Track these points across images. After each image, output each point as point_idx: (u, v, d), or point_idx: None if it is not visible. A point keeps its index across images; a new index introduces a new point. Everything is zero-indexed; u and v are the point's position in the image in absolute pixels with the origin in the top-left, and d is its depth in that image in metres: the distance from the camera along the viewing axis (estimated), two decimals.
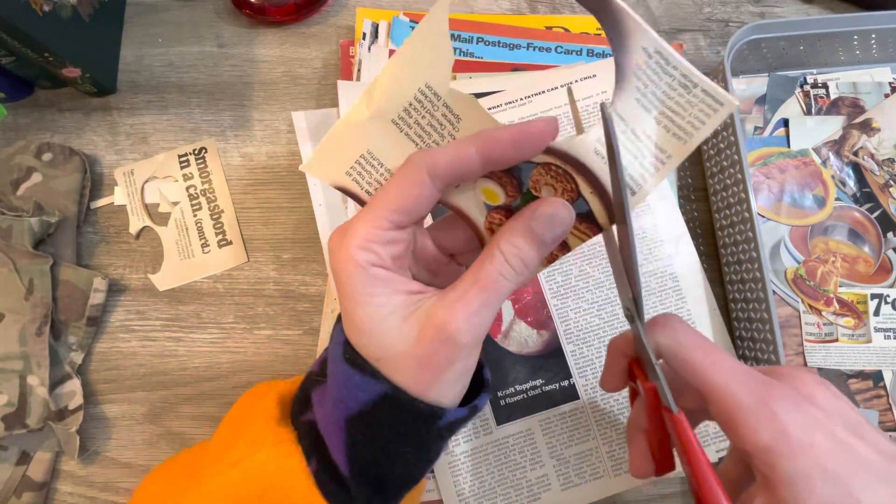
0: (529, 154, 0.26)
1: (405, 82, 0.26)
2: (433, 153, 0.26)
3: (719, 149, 0.47)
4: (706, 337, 0.28)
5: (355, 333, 0.26)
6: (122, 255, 0.48)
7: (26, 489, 0.43)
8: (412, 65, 0.26)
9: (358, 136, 0.27)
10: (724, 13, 0.55)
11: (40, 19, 0.42)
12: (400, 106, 0.27)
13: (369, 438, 0.26)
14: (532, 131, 0.25)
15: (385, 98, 0.26)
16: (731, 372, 0.26)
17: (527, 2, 0.54)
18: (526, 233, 0.26)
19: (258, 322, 0.47)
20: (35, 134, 0.50)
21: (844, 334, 0.46)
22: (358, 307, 0.26)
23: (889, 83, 0.51)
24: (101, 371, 0.46)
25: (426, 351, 0.25)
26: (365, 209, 0.26)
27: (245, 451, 0.29)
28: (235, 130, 0.51)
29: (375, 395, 0.26)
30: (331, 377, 0.28)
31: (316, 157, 0.27)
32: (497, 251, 0.26)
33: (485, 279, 0.25)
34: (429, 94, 0.27)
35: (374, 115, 0.27)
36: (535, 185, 0.28)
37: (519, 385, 0.43)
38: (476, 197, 0.28)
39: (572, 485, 0.42)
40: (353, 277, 0.25)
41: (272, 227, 0.49)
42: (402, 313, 0.26)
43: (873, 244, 0.48)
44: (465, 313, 0.25)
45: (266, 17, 0.51)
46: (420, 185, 0.25)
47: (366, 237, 0.25)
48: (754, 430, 0.24)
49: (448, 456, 0.42)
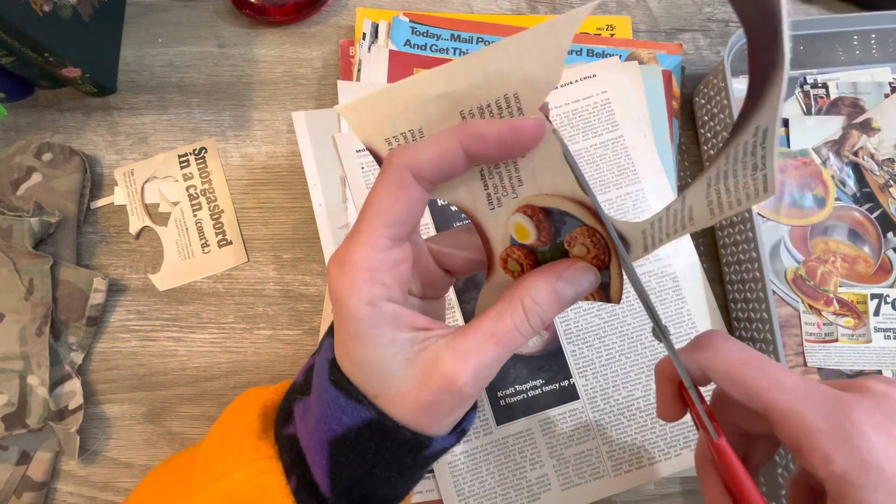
0: (518, 153, 0.25)
1: (495, 79, 0.24)
2: (414, 150, 0.24)
3: (719, 149, 0.46)
4: (757, 352, 0.26)
5: (353, 367, 0.25)
6: (122, 255, 0.48)
7: (26, 489, 0.43)
8: (512, 66, 0.23)
9: (415, 109, 0.25)
10: (724, 13, 0.55)
11: (40, 19, 0.42)
12: (476, 101, 0.24)
13: (353, 462, 0.25)
14: (523, 129, 0.24)
15: (466, 85, 0.24)
16: (795, 390, 0.23)
17: (527, 2, 0.54)
18: (550, 293, 0.25)
19: (258, 322, 0.47)
20: (35, 134, 0.50)
21: (844, 334, 0.46)
22: (360, 345, 0.24)
23: (889, 83, 0.51)
24: (101, 371, 0.46)
25: (430, 397, 0.24)
26: (358, 229, 0.24)
27: (227, 467, 0.28)
28: (235, 130, 0.51)
29: (360, 420, 0.25)
30: (315, 393, 0.27)
31: (358, 108, 0.25)
32: (519, 306, 0.25)
33: (502, 334, 0.24)
34: (512, 104, 0.24)
35: (443, 96, 0.24)
36: (570, 241, 0.27)
37: (519, 385, 0.43)
38: (505, 227, 0.27)
39: (572, 485, 0.42)
40: (356, 315, 0.24)
41: (272, 227, 0.49)
42: (407, 354, 0.24)
43: (873, 244, 0.48)
44: (477, 368, 0.24)
45: (266, 17, 0.51)
46: (408, 189, 0.24)
47: (369, 266, 0.24)
48: (827, 456, 0.22)
49: (448, 456, 0.42)
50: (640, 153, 0.47)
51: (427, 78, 0.24)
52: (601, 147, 0.47)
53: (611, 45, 0.51)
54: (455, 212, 0.46)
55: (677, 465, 0.42)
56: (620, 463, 0.42)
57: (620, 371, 0.43)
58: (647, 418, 0.43)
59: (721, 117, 0.46)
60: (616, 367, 0.44)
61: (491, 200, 0.27)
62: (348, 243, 0.24)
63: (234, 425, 0.30)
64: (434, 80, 0.24)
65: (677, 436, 0.43)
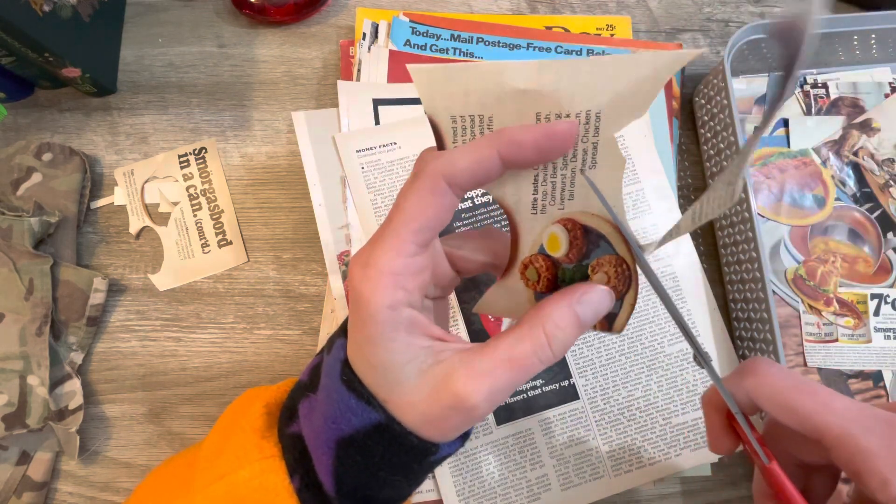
0: (552, 157, 0.25)
1: (584, 92, 0.23)
2: (450, 158, 0.24)
3: (719, 149, 0.47)
4: (803, 377, 0.25)
5: (366, 369, 0.25)
6: (122, 255, 0.48)
7: (26, 489, 0.43)
8: (606, 85, 0.23)
9: (493, 96, 0.24)
10: (724, 13, 0.55)
11: (40, 19, 0.42)
12: (558, 108, 0.23)
13: (359, 464, 0.25)
14: (557, 132, 0.24)
15: (553, 88, 0.23)
16: (847, 412, 0.23)
17: (527, 2, 0.54)
18: (572, 316, 0.25)
19: (258, 322, 0.47)
20: (35, 134, 0.50)
21: (844, 334, 0.46)
22: (375, 349, 0.24)
23: (889, 83, 0.51)
24: (101, 371, 0.46)
25: (438, 413, 0.24)
26: (385, 232, 0.24)
27: (230, 466, 0.28)
28: (235, 130, 0.51)
29: (369, 423, 0.25)
30: (323, 392, 0.27)
31: (433, 75, 0.24)
32: (541, 332, 0.24)
33: (521, 359, 0.24)
34: (592, 121, 0.24)
35: (526, 93, 0.23)
36: (595, 266, 0.27)
37: None
38: (539, 234, 0.27)
39: (572, 485, 0.42)
40: (376, 318, 0.23)
41: (272, 227, 0.49)
42: (420, 364, 0.24)
43: (873, 244, 0.48)
44: (490, 391, 0.23)
45: (266, 17, 0.51)
46: (440, 195, 0.24)
47: (394, 270, 0.23)
48: (885, 480, 0.22)
49: None
50: (640, 153, 0.47)
51: (515, 69, 0.23)
52: None
53: (611, 45, 0.51)
54: (456, 212, 0.46)
55: (677, 465, 0.42)
56: (620, 463, 0.42)
57: (620, 371, 0.43)
58: (646, 418, 0.43)
59: (721, 117, 0.46)
60: (616, 367, 0.44)
61: (536, 205, 0.26)
62: (373, 245, 0.24)
63: (237, 424, 0.30)
64: (522, 74, 0.23)
65: (677, 436, 0.43)
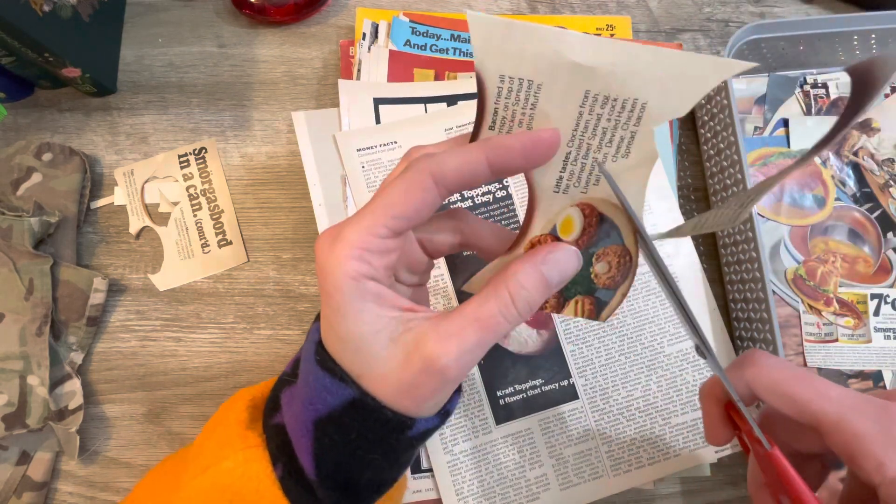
0: (537, 163, 0.25)
1: (636, 80, 0.23)
2: (440, 158, 0.24)
3: (719, 149, 0.47)
4: (800, 367, 0.26)
5: (337, 344, 0.25)
6: (122, 255, 0.48)
7: (26, 489, 0.43)
8: (657, 77, 0.23)
9: (548, 63, 0.23)
10: (724, 13, 0.55)
11: (40, 19, 0.42)
12: (608, 90, 0.23)
13: (337, 443, 0.26)
14: (543, 140, 0.24)
15: (609, 69, 0.23)
16: (842, 399, 0.24)
17: (527, 2, 0.54)
18: (537, 275, 0.25)
19: (258, 322, 0.47)
20: (35, 134, 0.50)
21: (844, 334, 0.46)
22: (343, 320, 0.24)
23: (889, 83, 0.51)
24: (101, 371, 0.46)
25: (411, 379, 0.24)
26: (362, 212, 0.25)
27: (214, 458, 0.28)
28: (235, 130, 0.51)
29: (344, 399, 0.25)
30: (301, 377, 0.27)
31: (491, 28, 0.23)
32: (505, 291, 0.25)
33: (486, 319, 0.24)
34: (636, 111, 0.24)
35: (582, 67, 0.23)
36: (600, 255, 0.27)
37: (518, 385, 0.43)
38: (556, 214, 0.27)
39: (571, 484, 0.42)
40: (341, 288, 0.24)
41: (272, 227, 0.49)
42: (390, 334, 0.25)
43: (873, 244, 0.48)
44: (458, 350, 0.24)
45: (266, 17, 0.51)
46: (424, 191, 0.24)
47: (361, 244, 0.24)
48: (880, 462, 0.22)
49: (447, 455, 0.42)
50: None
51: (576, 40, 0.23)
52: None
53: None
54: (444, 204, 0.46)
55: (676, 465, 0.42)
56: (619, 463, 0.42)
57: (620, 371, 0.43)
58: (645, 418, 0.43)
59: (721, 117, 0.46)
60: (616, 367, 0.44)
61: (559, 184, 0.26)
62: (346, 222, 0.25)
63: (223, 418, 0.30)
64: (582, 47, 0.23)
65: (676, 436, 0.43)
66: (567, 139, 0.25)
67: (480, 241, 0.29)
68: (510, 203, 0.46)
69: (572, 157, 0.26)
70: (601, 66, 0.23)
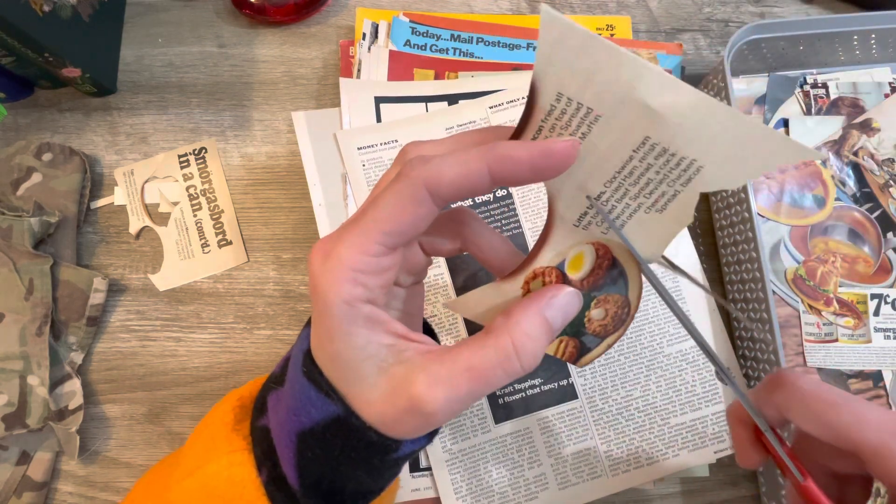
0: (546, 177, 0.23)
1: (702, 139, 0.21)
2: (437, 167, 0.22)
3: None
4: (835, 388, 0.24)
5: (326, 360, 0.24)
6: (122, 255, 0.48)
7: (26, 489, 0.43)
8: (725, 142, 0.21)
9: (616, 95, 0.21)
10: (724, 13, 0.55)
11: (40, 19, 0.42)
12: (668, 142, 0.21)
13: (319, 457, 0.25)
14: (556, 152, 0.22)
15: (678, 121, 0.21)
16: (883, 425, 0.22)
17: (527, 2, 0.54)
18: (542, 323, 0.24)
19: (258, 322, 0.47)
20: (35, 134, 0.50)
21: (844, 334, 0.46)
22: (334, 342, 0.23)
23: (889, 83, 0.51)
24: (101, 371, 0.46)
25: (395, 415, 0.23)
26: (354, 226, 0.23)
27: (200, 460, 0.28)
28: (235, 130, 0.51)
29: (328, 415, 0.24)
30: (288, 383, 0.26)
31: (566, 33, 0.20)
32: (508, 342, 0.23)
33: (481, 370, 0.23)
34: (689, 171, 0.22)
35: (650, 111, 0.21)
36: (599, 302, 0.26)
37: (517, 384, 0.43)
38: (568, 248, 0.25)
39: (570, 484, 0.42)
40: (331, 311, 0.22)
41: (272, 227, 0.49)
42: (379, 363, 0.23)
43: (873, 244, 0.48)
44: (446, 399, 0.22)
45: (266, 17, 0.51)
46: (419, 204, 0.22)
47: (354, 265, 0.22)
48: None
49: (445, 454, 0.42)
50: None
51: (656, 79, 0.20)
52: None
53: None
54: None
55: (675, 465, 0.42)
56: (618, 463, 0.42)
57: (619, 371, 0.43)
58: (645, 418, 0.43)
59: None
60: (615, 367, 0.44)
61: (582, 220, 0.25)
62: (339, 236, 0.23)
63: (211, 420, 0.30)
64: (660, 88, 0.20)
65: (675, 436, 0.43)
66: (606, 179, 0.23)
67: (481, 252, 0.28)
68: (510, 202, 0.46)
69: (605, 197, 0.24)
70: (672, 115, 0.21)
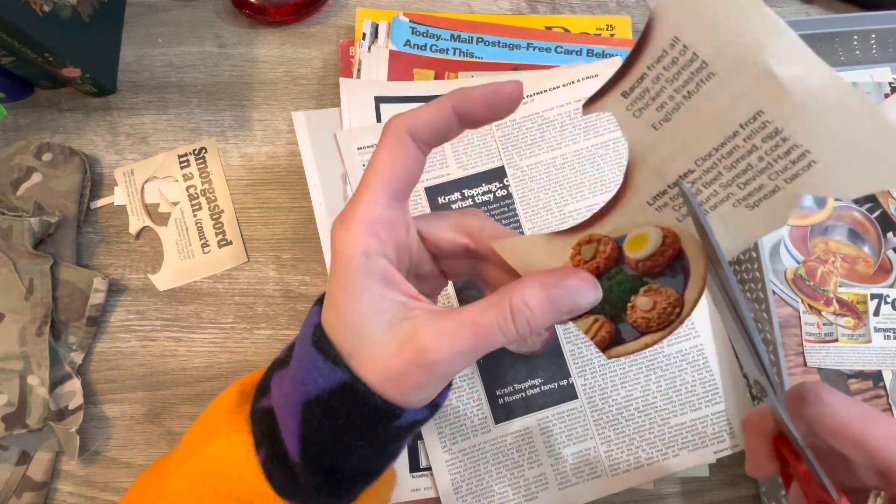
0: (500, 115, 0.25)
1: (823, 126, 0.19)
2: (412, 114, 0.25)
3: None
4: (864, 404, 0.24)
5: (336, 321, 0.25)
6: (122, 255, 0.48)
7: (26, 489, 0.43)
8: (853, 135, 0.18)
9: (740, 47, 0.18)
10: None
11: (40, 19, 0.42)
12: (781, 120, 0.19)
13: (324, 426, 0.25)
14: (503, 92, 0.25)
15: (799, 98, 0.18)
16: None
17: (527, 2, 0.54)
18: (544, 299, 0.24)
19: (258, 322, 0.47)
20: (35, 134, 0.50)
21: (844, 334, 0.46)
22: (347, 297, 0.24)
23: (889, 83, 0.51)
24: (101, 371, 0.46)
25: (400, 367, 0.24)
26: (361, 188, 0.25)
27: (200, 444, 0.28)
28: (235, 130, 0.51)
29: (334, 382, 0.25)
30: (295, 358, 0.27)
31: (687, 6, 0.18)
32: (507, 305, 0.24)
33: (483, 327, 0.24)
34: (798, 165, 0.19)
35: (771, 76, 0.18)
36: (651, 290, 0.24)
37: (518, 384, 0.43)
38: (633, 225, 0.23)
39: (570, 484, 0.42)
40: (350, 263, 0.24)
41: (272, 227, 0.49)
42: (390, 318, 0.24)
43: (873, 244, 0.48)
44: (450, 351, 0.24)
45: (266, 17, 0.51)
46: (405, 148, 0.25)
47: (368, 218, 0.24)
48: None
49: (446, 454, 0.42)
50: None
51: (791, 43, 0.18)
52: (602, 147, 0.47)
53: (611, 45, 0.51)
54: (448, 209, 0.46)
55: (675, 465, 0.42)
56: (618, 463, 0.42)
57: (619, 371, 0.43)
58: (644, 419, 0.43)
59: None
60: (615, 367, 0.44)
61: (658, 199, 0.22)
62: (351, 202, 0.25)
63: (212, 407, 0.30)
64: (792, 53, 0.18)
65: (675, 437, 0.43)
66: (701, 155, 0.21)
67: (487, 241, 0.28)
68: (510, 202, 0.46)
69: (693, 177, 0.21)
70: (797, 91, 0.18)
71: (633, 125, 0.21)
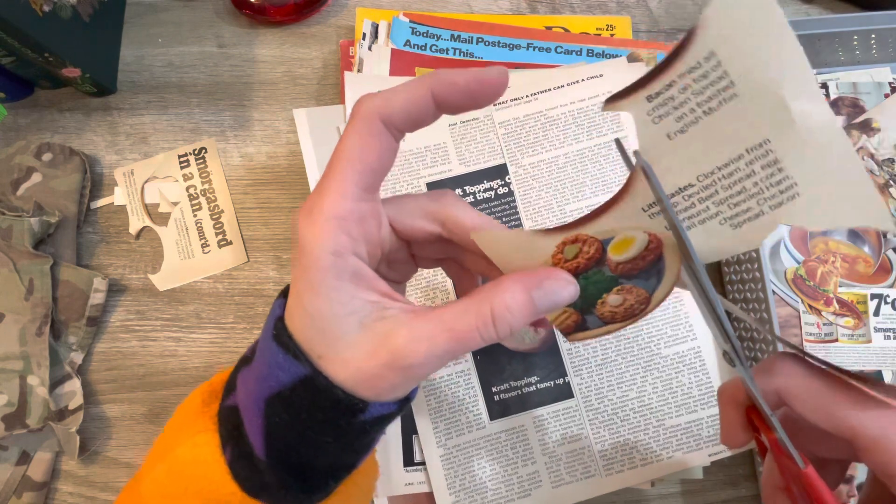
0: (480, 104, 0.24)
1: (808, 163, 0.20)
2: (384, 97, 0.23)
3: None
4: (830, 373, 0.24)
5: (304, 322, 0.24)
6: (122, 255, 0.48)
7: (26, 489, 0.43)
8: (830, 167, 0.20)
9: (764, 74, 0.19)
10: None
11: (40, 19, 0.42)
12: (784, 153, 0.20)
13: (286, 422, 0.25)
14: (487, 80, 0.23)
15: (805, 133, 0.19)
16: (882, 415, 0.22)
17: (527, 2, 0.54)
18: (527, 301, 0.24)
19: (258, 322, 0.47)
20: (35, 134, 0.50)
21: (844, 334, 0.46)
22: (316, 297, 0.23)
23: (889, 83, 0.51)
24: (101, 371, 0.46)
25: (373, 370, 0.23)
26: (328, 176, 0.24)
27: (169, 445, 0.28)
28: (235, 130, 0.51)
29: (295, 377, 0.24)
30: (258, 354, 0.26)
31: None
32: (488, 309, 0.23)
33: (461, 332, 0.23)
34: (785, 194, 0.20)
35: (787, 110, 0.19)
36: (623, 289, 0.25)
37: (514, 381, 0.43)
38: (624, 229, 0.24)
39: (563, 482, 0.42)
40: (319, 263, 0.23)
41: (272, 227, 0.49)
42: (362, 318, 0.23)
43: (873, 244, 0.48)
44: (427, 354, 0.23)
45: (266, 17, 0.51)
46: (378, 136, 0.23)
47: (338, 214, 0.23)
48: None
49: (440, 449, 0.42)
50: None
51: (807, 78, 0.19)
52: (605, 147, 0.47)
53: (611, 45, 0.51)
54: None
55: (669, 466, 0.42)
56: (612, 463, 0.42)
57: (616, 371, 0.43)
58: (640, 419, 0.43)
59: None
60: (612, 367, 0.43)
61: (652, 206, 0.23)
62: (318, 192, 0.24)
63: (181, 408, 0.30)
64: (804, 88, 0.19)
65: (670, 438, 0.43)
66: (704, 171, 0.21)
67: (463, 232, 0.27)
68: (511, 200, 0.46)
69: (691, 191, 0.22)
70: (802, 126, 0.19)
71: (650, 131, 0.21)
